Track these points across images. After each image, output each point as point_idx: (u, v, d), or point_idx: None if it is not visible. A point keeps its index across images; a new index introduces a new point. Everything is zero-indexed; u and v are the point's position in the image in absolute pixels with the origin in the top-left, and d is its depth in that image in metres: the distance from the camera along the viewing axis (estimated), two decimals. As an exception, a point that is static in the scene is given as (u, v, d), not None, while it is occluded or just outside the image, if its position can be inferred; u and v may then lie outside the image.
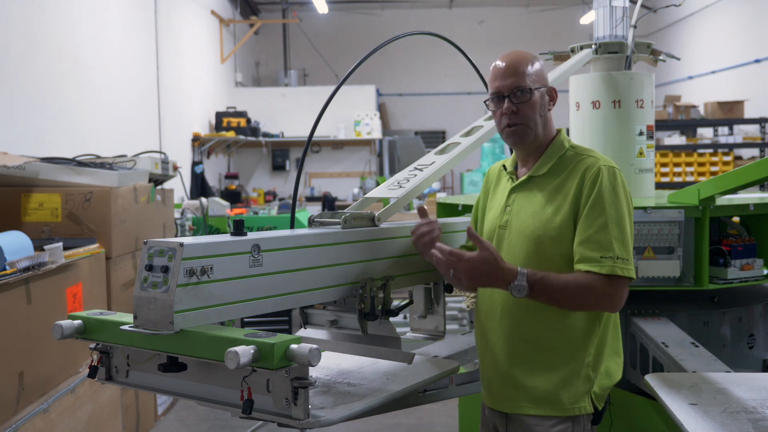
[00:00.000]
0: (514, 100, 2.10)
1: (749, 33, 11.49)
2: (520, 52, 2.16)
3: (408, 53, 15.34)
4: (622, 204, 2.03)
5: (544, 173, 2.14)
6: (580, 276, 1.98)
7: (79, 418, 3.49)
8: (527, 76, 2.10)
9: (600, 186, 2.02)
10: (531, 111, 2.11)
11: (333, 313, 2.24)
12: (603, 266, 1.96)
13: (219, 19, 11.85)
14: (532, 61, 2.14)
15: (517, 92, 2.10)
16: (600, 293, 1.97)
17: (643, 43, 3.47)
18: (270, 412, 1.65)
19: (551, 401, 2.06)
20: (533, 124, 2.12)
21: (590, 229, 2.00)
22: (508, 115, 2.12)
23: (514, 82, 2.10)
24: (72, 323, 1.84)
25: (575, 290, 1.97)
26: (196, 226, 6.50)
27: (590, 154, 2.14)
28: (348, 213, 2.17)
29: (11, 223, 3.80)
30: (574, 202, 2.05)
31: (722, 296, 3.08)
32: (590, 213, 2.01)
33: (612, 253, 1.96)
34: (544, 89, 2.14)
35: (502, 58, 2.16)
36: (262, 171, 13.18)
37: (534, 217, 2.10)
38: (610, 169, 2.06)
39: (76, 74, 6.14)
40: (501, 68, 2.13)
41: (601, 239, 1.98)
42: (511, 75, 2.11)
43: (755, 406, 1.99)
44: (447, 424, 4.78)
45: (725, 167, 9.90)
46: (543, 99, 2.14)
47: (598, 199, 2.01)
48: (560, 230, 2.04)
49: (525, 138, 2.14)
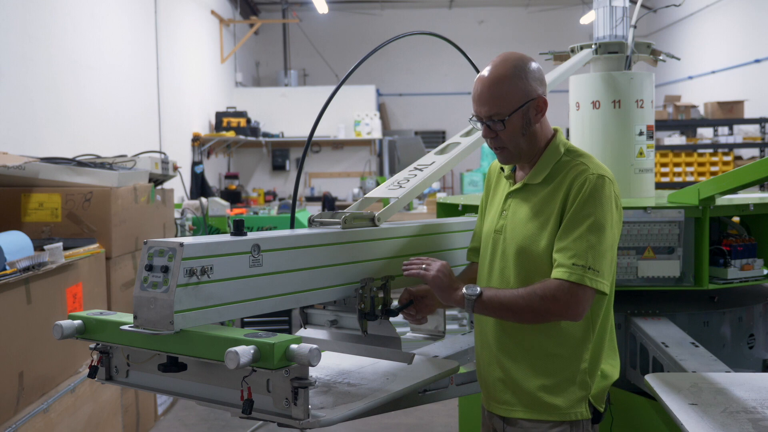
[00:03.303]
0: (491, 126, 2.06)
1: (749, 33, 11.49)
2: (501, 67, 2.04)
3: (408, 53, 15.35)
4: (606, 214, 1.98)
5: (539, 182, 2.11)
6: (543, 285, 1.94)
7: (79, 418, 3.49)
8: (503, 101, 2.01)
9: (584, 194, 1.98)
10: (509, 137, 2.06)
11: (333, 313, 2.24)
12: (572, 274, 1.92)
13: (219, 19, 11.84)
14: (512, 78, 2.02)
15: (493, 119, 2.04)
16: (563, 302, 1.92)
17: (643, 43, 3.48)
18: (270, 412, 1.65)
19: (548, 406, 2.05)
20: (514, 147, 2.08)
21: (569, 237, 1.97)
22: (489, 139, 2.09)
23: (488, 110, 2.03)
24: (72, 323, 1.84)
25: (525, 300, 1.95)
26: (196, 226, 6.50)
27: (582, 160, 2.08)
28: (348, 213, 2.17)
29: (11, 223, 3.80)
30: (560, 211, 2.02)
31: (722, 296, 3.08)
32: (571, 221, 1.98)
33: (584, 262, 1.92)
34: (527, 104, 2.03)
35: (483, 75, 2.06)
36: (262, 171, 13.17)
37: (525, 225, 2.08)
38: (600, 178, 2.01)
39: (75, 74, 6.14)
40: (477, 91, 2.05)
41: (577, 248, 1.94)
42: (485, 102, 2.03)
43: (755, 406, 1.99)
44: (447, 424, 4.78)
45: (725, 167, 9.90)
46: (525, 118, 2.04)
47: (580, 208, 1.98)
48: (549, 239, 2.02)
49: (511, 160, 2.13)
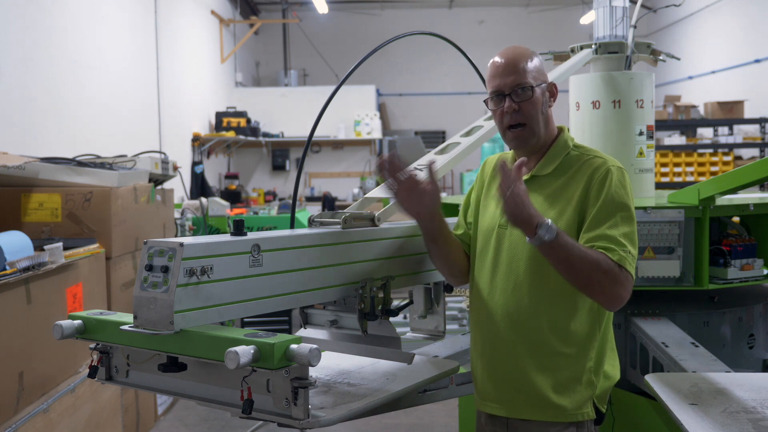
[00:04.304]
0: (515, 98, 2.04)
1: (749, 33, 11.49)
2: (519, 48, 2.10)
3: (408, 53, 15.34)
4: (631, 206, 2.01)
5: (548, 173, 2.10)
6: (598, 253, 1.91)
7: (79, 418, 3.48)
8: (528, 73, 2.04)
9: (610, 186, 1.99)
10: (533, 109, 2.05)
11: (333, 313, 2.24)
12: (615, 253, 1.91)
13: (219, 19, 11.84)
14: (531, 57, 2.07)
15: (518, 90, 2.03)
16: (611, 277, 1.90)
17: (643, 43, 3.47)
18: (270, 412, 1.65)
19: (554, 406, 2.02)
20: (535, 124, 2.07)
21: (601, 225, 1.96)
22: (510, 114, 2.05)
23: (515, 79, 2.04)
24: (72, 323, 1.84)
25: (593, 261, 1.89)
26: (196, 226, 6.50)
27: (596, 154, 2.09)
28: (348, 213, 2.16)
29: (11, 223, 3.80)
30: (579, 204, 2.01)
31: (722, 296, 3.08)
32: (601, 211, 1.97)
33: (624, 247, 1.93)
34: (544, 85, 2.08)
35: (500, 54, 2.09)
36: (262, 171, 13.17)
37: None
38: (619, 170, 2.04)
39: (75, 74, 6.14)
40: (500, 65, 2.07)
41: (613, 234, 1.94)
42: (511, 72, 2.04)
43: (755, 406, 1.99)
44: (447, 424, 4.78)
45: (725, 167, 9.90)
46: (544, 96, 2.08)
47: (609, 199, 1.98)
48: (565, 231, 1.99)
49: (529, 141, 2.09)
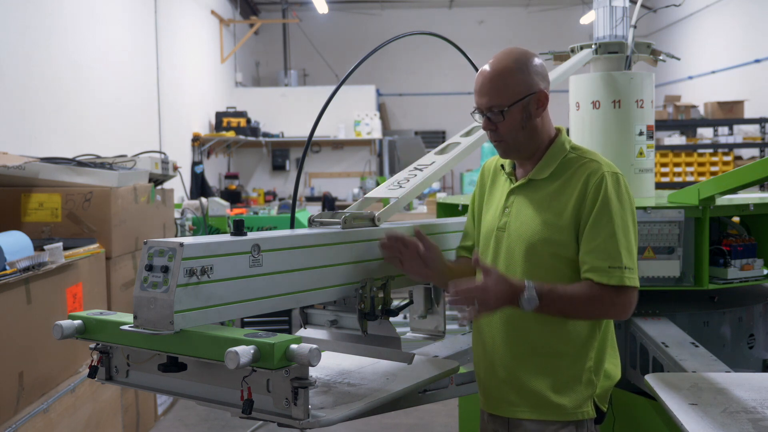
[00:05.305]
0: (491, 118, 2.06)
1: (749, 33, 11.49)
2: (505, 59, 2.05)
3: (408, 53, 15.35)
4: (627, 211, 2.01)
5: (545, 177, 2.10)
6: (588, 287, 1.96)
7: (79, 418, 3.48)
8: (504, 92, 2.02)
9: (605, 194, 1.99)
10: (508, 129, 2.05)
11: (333, 313, 2.24)
12: (612, 277, 1.95)
13: (219, 19, 11.84)
14: (513, 70, 2.02)
15: (493, 110, 2.04)
16: (609, 304, 1.97)
17: (643, 43, 3.47)
18: (270, 412, 1.65)
19: (554, 406, 2.04)
20: (513, 141, 2.07)
21: (598, 238, 1.97)
22: (489, 131, 2.09)
23: (488, 101, 2.04)
24: (72, 323, 1.84)
25: (584, 301, 1.96)
26: (196, 226, 6.50)
27: (593, 157, 2.09)
28: (348, 213, 2.16)
29: (11, 223, 3.80)
30: (575, 208, 2.02)
31: (722, 296, 3.08)
32: (597, 221, 1.98)
33: (620, 263, 1.95)
34: (528, 98, 2.03)
35: (486, 66, 2.07)
36: (262, 171, 13.17)
37: (533, 220, 2.06)
38: (614, 176, 2.03)
39: (75, 74, 6.14)
40: (479, 82, 2.06)
41: (609, 248, 1.96)
42: (485, 93, 2.04)
43: (755, 406, 1.99)
44: (447, 424, 4.78)
45: (725, 167, 9.90)
46: (525, 111, 2.04)
47: (604, 208, 1.99)
48: (560, 235, 2.02)
49: (510, 154, 2.12)
